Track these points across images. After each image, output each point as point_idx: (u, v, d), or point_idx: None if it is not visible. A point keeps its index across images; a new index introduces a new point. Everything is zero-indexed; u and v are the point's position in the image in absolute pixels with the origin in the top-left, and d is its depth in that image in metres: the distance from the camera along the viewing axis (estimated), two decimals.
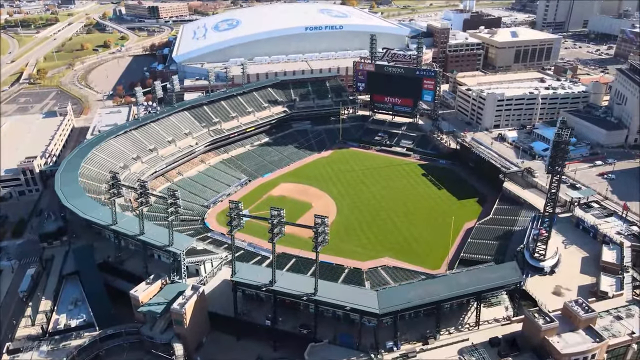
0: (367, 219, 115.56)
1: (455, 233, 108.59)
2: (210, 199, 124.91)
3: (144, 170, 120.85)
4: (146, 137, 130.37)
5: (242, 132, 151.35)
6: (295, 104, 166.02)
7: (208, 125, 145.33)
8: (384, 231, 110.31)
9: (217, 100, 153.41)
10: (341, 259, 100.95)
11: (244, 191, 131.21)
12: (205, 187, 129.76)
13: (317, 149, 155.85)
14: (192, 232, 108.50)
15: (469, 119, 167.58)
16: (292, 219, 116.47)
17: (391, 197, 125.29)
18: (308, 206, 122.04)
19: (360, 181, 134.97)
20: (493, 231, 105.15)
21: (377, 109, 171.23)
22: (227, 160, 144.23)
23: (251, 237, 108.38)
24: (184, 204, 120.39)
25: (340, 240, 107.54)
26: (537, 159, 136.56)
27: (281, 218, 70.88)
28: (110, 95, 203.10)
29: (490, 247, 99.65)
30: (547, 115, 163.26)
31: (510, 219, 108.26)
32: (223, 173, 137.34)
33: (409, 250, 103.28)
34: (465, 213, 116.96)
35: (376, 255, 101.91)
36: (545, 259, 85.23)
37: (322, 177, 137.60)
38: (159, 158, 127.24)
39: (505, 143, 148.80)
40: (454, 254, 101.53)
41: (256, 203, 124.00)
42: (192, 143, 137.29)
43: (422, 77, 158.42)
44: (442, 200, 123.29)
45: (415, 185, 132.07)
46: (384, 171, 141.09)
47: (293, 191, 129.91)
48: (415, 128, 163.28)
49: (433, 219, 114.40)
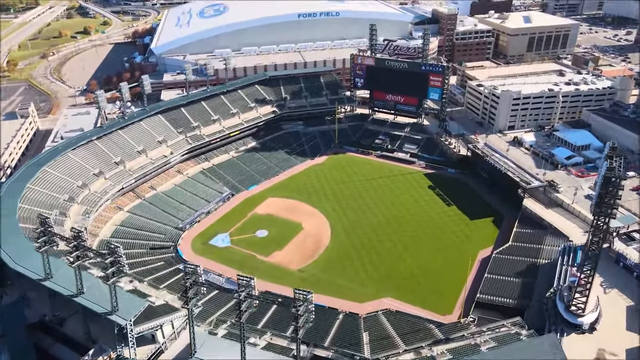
0: (365, 245, 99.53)
1: (469, 264, 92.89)
2: (187, 218, 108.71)
3: (107, 189, 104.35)
4: (111, 147, 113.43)
5: (225, 137, 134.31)
6: (286, 102, 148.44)
7: (185, 130, 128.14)
8: (385, 261, 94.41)
9: (197, 101, 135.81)
10: (334, 299, 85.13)
11: (226, 208, 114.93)
12: (182, 204, 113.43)
13: (311, 154, 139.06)
14: (161, 264, 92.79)
15: (480, 119, 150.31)
16: (281, 241, 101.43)
17: (394, 216, 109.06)
18: (298, 227, 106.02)
19: (359, 195, 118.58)
20: (513, 264, 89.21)
21: (377, 107, 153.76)
22: (207, 169, 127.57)
23: (230, 270, 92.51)
24: (154, 226, 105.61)
25: (334, 273, 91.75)
26: (560, 168, 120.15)
27: (250, 289, 54.31)
28: (84, 90, 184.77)
29: (511, 286, 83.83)
30: (567, 115, 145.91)
31: (533, 248, 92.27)
32: (203, 186, 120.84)
33: (414, 287, 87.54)
34: (480, 237, 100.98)
35: (376, 294, 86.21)
36: (584, 314, 69.54)
37: (315, 191, 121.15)
38: (125, 172, 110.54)
39: (521, 148, 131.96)
40: (467, 292, 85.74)
41: (239, 223, 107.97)
42: (166, 153, 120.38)
43: (429, 73, 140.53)
44: (453, 220, 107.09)
45: (421, 200, 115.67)
46: (385, 182, 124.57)
47: (281, 208, 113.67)
48: (420, 130, 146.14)
49: (442, 245, 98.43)
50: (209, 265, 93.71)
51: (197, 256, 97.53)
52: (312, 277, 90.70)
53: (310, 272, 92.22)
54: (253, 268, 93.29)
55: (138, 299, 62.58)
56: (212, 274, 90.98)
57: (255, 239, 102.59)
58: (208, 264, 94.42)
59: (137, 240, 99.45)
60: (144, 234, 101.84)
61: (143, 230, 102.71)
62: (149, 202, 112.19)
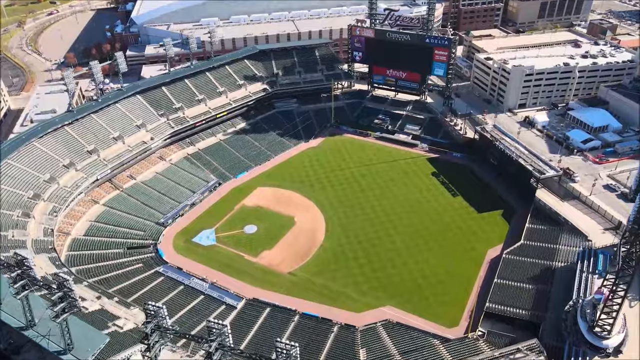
0: (363, 243, 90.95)
1: (476, 265, 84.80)
2: (169, 212, 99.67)
3: (79, 182, 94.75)
4: (83, 134, 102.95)
5: (211, 119, 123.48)
6: (278, 79, 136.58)
7: (167, 112, 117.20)
8: (384, 263, 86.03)
9: (179, 79, 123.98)
10: (329, 308, 77.33)
11: (212, 199, 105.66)
12: (164, 195, 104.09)
13: (305, 136, 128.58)
14: (139, 267, 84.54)
15: (488, 96, 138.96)
16: (271, 239, 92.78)
17: (394, 210, 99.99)
18: (290, 222, 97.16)
19: (356, 184, 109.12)
20: (526, 267, 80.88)
21: (377, 83, 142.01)
22: (193, 155, 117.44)
23: (215, 273, 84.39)
24: (133, 222, 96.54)
25: (329, 277, 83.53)
26: (576, 153, 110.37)
27: (224, 337, 45.45)
28: (61, 63, 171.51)
29: (523, 294, 75.69)
30: (583, 91, 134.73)
31: (548, 249, 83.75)
32: (187, 174, 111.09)
33: (417, 294, 79.48)
34: (489, 233, 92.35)
35: (375, 302, 78.26)
36: (609, 336, 61.60)
37: (309, 179, 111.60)
38: (100, 163, 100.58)
39: (533, 130, 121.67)
40: (475, 299, 77.90)
41: (226, 217, 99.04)
42: (145, 138, 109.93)
43: (433, 47, 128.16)
44: (459, 214, 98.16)
45: (424, 190, 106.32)
46: (384, 169, 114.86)
47: (272, 199, 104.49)
48: (423, 108, 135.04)
49: (448, 244, 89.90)
50: (192, 268, 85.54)
51: (179, 256, 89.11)
52: (304, 282, 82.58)
53: (302, 275, 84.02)
54: (240, 271, 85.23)
55: (98, 333, 54.01)
56: (195, 278, 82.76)
57: (243, 235, 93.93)
58: (191, 265, 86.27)
59: (113, 238, 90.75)
60: (122, 231, 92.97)
61: (121, 227, 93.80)
62: (127, 193, 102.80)
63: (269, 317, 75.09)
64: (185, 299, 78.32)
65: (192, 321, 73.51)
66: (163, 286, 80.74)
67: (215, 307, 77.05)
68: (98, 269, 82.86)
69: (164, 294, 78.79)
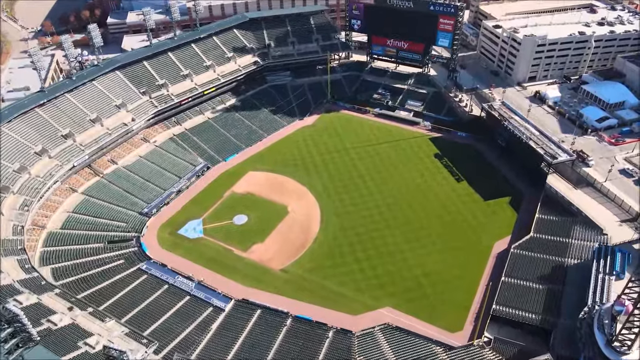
0: (361, 235, 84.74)
1: (482, 261, 79.06)
2: (153, 200, 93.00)
3: (53, 170, 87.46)
4: (57, 117, 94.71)
5: (198, 96, 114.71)
6: (270, 50, 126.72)
7: (150, 90, 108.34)
8: (384, 258, 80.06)
9: (163, 52, 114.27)
10: (323, 309, 71.97)
11: (200, 185, 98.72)
12: (148, 181, 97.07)
13: (299, 113, 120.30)
14: (121, 264, 78.68)
15: (496, 67, 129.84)
16: (262, 231, 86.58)
17: (394, 197, 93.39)
18: (283, 211, 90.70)
19: (354, 168, 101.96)
20: (536, 264, 75.01)
21: (376, 54, 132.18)
22: (179, 135, 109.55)
23: (202, 270, 78.66)
24: (114, 212, 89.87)
25: (324, 274, 77.79)
26: (590, 133, 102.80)
27: None
28: (38, 32, 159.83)
29: (533, 295, 70.03)
30: (598, 63, 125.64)
31: (559, 243, 77.68)
32: (173, 157, 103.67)
33: (418, 294, 73.95)
34: (495, 223, 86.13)
35: (373, 303, 72.83)
36: (630, 351, 56.36)
37: (303, 162, 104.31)
38: (76, 148, 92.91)
39: (544, 107, 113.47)
40: (481, 299, 72.58)
41: (215, 206, 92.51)
42: (126, 120, 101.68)
43: (438, 15, 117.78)
44: (463, 201, 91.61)
45: (427, 174, 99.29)
46: (384, 150, 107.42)
47: (264, 185, 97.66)
48: (426, 82, 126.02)
49: (452, 236, 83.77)
50: (177, 264, 79.68)
51: (164, 251, 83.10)
52: (298, 280, 76.95)
53: (295, 272, 78.32)
54: (229, 267, 79.43)
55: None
56: (181, 276, 77.06)
57: (233, 227, 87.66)
58: (176, 261, 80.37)
59: (93, 231, 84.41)
60: (102, 222, 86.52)
61: (101, 218, 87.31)
62: (108, 180, 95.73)
63: (260, 321, 69.82)
64: (170, 300, 72.82)
65: (177, 326, 68.41)
66: (146, 286, 75.09)
67: (202, 309, 71.64)
68: (76, 267, 77.01)
69: (146, 294, 73.27)
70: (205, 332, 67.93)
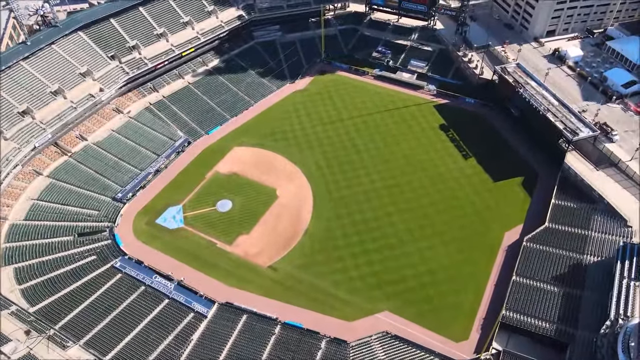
0: (357, 225, 76.76)
1: (491, 255, 71.69)
2: (128, 183, 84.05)
3: (10, 155, 77.50)
4: (12, 89, 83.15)
5: (175, 59, 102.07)
6: (256, 2, 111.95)
7: (119, 54, 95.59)
8: (382, 252, 72.54)
9: (132, 7, 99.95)
10: (315, 315, 65.50)
11: (180, 164, 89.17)
12: (122, 160, 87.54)
13: (290, 75, 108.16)
14: (92, 261, 71.33)
15: (510, 19, 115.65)
16: (248, 219, 78.62)
17: (395, 178, 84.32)
18: (271, 196, 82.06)
19: (350, 142, 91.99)
20: (551, 260, 67.54)
21: (376, 5, 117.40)
22: (156, 105, 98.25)
23: (183, 267, 71.35)
24: (84, 198, 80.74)
25: (316, 271, 70.56)
26: (615, 101, 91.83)
27: None
28: None
29: (548, 299, 63.12)
30: (626, 13, 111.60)
31: (578, 236, 69.81)
32: (150, 131, 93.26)
33: (419, 295, 67.09)
34: (506, 210, 77.87)
35: (370, 307, 66.12)
36: None
37: (295, 135, 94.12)
38: (36, 126, 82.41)
39: (563, 67, 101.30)
40: (489, 302, 65.92)
41: (196, 189, 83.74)
42: (93, 90, 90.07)
43: None
44: (471, 182, 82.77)
45: (430, 150, 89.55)
46: (384, 120, 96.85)
47: (251, 163, 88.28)
48: (431, 38, 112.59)
49: (458, 225, 75.82)
50: (155, 260, 72.25)
51: (140, 244, 75.29)
52: (288, 279, 69.86)
53: (284, 269, 71.07)
54: (211, 264, 72.09)
55: None
56: (159, 275, 70.00)
57: (216, 215, 79.41)
58: (153, 257, 72.86)
59: (61, 221, 76.25)
60: (71, 211, 78.15)
61: (69, 206, 78.79)
62: (77, 159, 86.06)
63: (246, 329, 63.59)
64: (146, 305, 66.21)
65: (153, 338, 62.22)
66: (120, 288, 68.16)
67: (182, 316, 65.19)
68: (41, 266, 69.68)
69: (120, 298, 66.55)
70: (185, 343, 61.85)
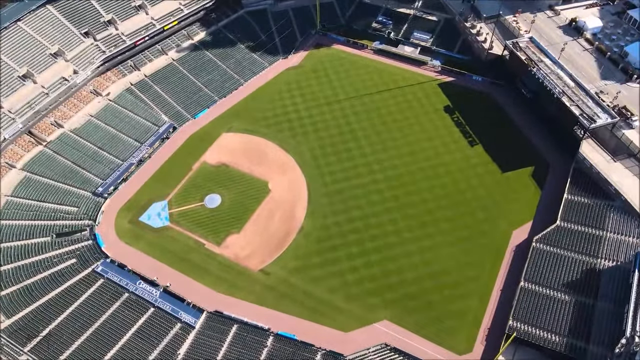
0: (355, 222, 71.58)
1: (498, 256, 67.13)
2: (110, 176, 78.31)
3: None
4: None
5: (156, 34, 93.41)
6: None
7: (93, 30, 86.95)
8: (381, 252, 67.88)
9: None
10: (310, 324, 61.67)
11: (164, 153, 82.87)
12: (102, 149, 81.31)
13: (283, 50, 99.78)
14: (72, 265, 67.01)
15: None
16: (238, 216, 73.97)
17: (395, 167, 78.37)
18: (263, 189, 76.47)
19: (347, 127, 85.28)
20: (562, 264, 63.00)
21: None
22: (137, 85, 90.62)
23: (169, 270, 66.96)
24: (63, 193, 74.91)
25: (311, 276, 66.14)
26: (636, 80, 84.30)
27: None
28: None
29: (558, 308, 59.11)
30: None
31: (591, 237, 64.87)
32: (132, 116, 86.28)
33: (421, 302, 62.88)
34: (515, 205, 72.48)
35: (368, 315, 62.17)
36: None
37: (288, 119, 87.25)
38: (5, 116, 75.45)
39: (581, 40, 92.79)
40: (495, 310, 61.93)
41: (182, 182, 78.07)
42: (66, 73, 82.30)
43: None
44: (477, 174, 76.95)
45: (434, 136, 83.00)
46: (385, 101, 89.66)
47: (240, 153, 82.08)
48: (437, 6, 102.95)
49: (463, 222, 70.68)
50: (139, 263, 67.82)
51: (123, 245, 70.49)
52: (280, 284, 65.56)
53: (276, 274, 66.67)
54: (199, 268, 67.62)
55: None
56: (143, 281, 65.71)
57: (204, 211, 74.16)
58: (137, 259, 68.37)
59: (37, 220, 71.23)
60: (48, 208, 72.97)
61: (46, 202, 73.53)
62: (53, 149, 79.76)
63: (236, 341, 59.97)
64: (130, 315, 62.34)
65: (138, 352, 58.67)
66: (102, 295, 64.10)
67: (168, 327, 61.44)
68: (18, 272, 65.36)
69: (102, 308, 62.65)
70: (172, 358, 58.32)
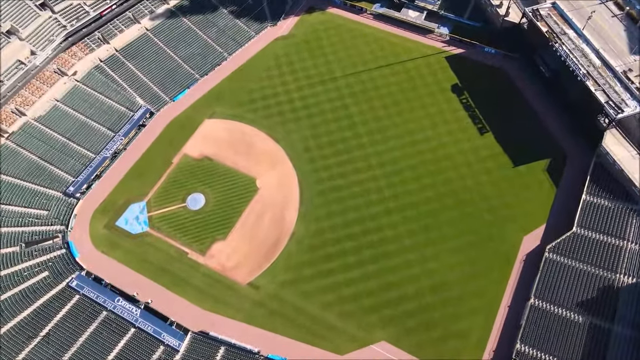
0: (352, 226, 65.31)
1: (506, 267, 61.73)
2: (81, 172, 70.92)
3: None
4: None
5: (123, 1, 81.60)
6: None
7: (49, 0, 75.34)
8: (380, 262, 62.32)
9: None
10: (302, 346, 57.43)
11: (141, 144, 74.74)
12: (71, 141, 73.26)
13: (271, 16, 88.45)
14: (44, 279, 61.74)
15: None
16: (224, 220, 67.56)
17: (396, 161, 70.79)
18: (251, 188, 69.53)
19: (344, 112, 76.46)
20: (577, 279, 57.79)
21: None
22: (107, 62, 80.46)
23: (149, 284, 61.85)
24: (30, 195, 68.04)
25: (303, 290, 61.10)
26: None
27: None
28: None
29: (572, 332, 54.57)
30: None
31: (610, 247, 59.18)
32: (102, 99, 77.13)
33: (422, 320, 58.33)
34: (527, 206, 65.97)
35: (365, 335, 57.74)
36: None
37: (277, 101, 78.18)
38: None
39: (610, 4, 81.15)
40: (501, 330, 57.42)
41: (161, 180, 71.09)
42: (23, 55, 71.99)
43: None
44: (487, 169, 69.47)
45: (439, 122, 74.50)
46: (385, 78, 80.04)
47: (225, 143, 74.13)
48: None
49: (468, 226, 64.59)
50: (117, 275, 62.55)
51: (99, 255, 64.75)
52: (270, 300, 60.60)
53: (266, 288, 61.51)
54: (182, 281, 62.43)
55: None
56: (122, 298, 60.64)
57: (186, 214, 67.69)
58: (115, 271, 63.02)
59: (4, 227, 64.97)
60: (15, 212, 66.46)
61: (13, 205, 66.96)
62: (16, 143, 71.73)
63: None
64: (108, 338, 57.85)
65: None
66: (77, 315, 59.34)
67: (151, 350, 57.19)
68: None
69: (77, 331, 58.12)
70: None
